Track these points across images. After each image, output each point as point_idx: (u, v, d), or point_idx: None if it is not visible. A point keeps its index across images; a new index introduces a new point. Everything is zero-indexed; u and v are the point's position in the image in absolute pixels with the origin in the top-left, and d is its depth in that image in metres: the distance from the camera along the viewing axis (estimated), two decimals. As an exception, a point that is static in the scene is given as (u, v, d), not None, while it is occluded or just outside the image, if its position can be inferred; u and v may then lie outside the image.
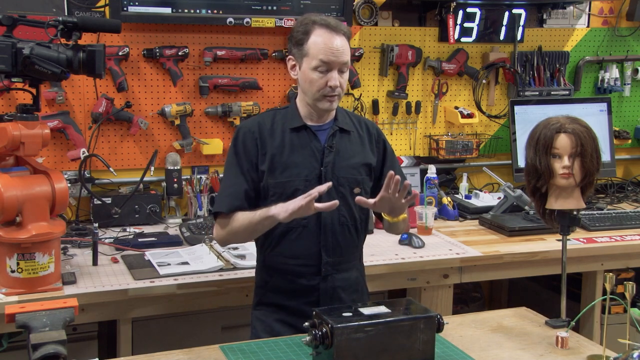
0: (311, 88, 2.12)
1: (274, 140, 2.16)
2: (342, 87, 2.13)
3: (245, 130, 2.19)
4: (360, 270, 2.30)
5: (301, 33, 2.12)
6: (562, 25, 3.97)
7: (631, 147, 4.21)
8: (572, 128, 2.06)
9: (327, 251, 2.15)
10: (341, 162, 2.17)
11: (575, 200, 2.10)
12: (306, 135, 2.17)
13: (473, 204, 3.49)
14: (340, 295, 2.18)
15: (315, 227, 2.14)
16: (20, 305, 1.67)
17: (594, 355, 1.94)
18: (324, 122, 2.20)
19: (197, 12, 3.14)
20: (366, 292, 2.33)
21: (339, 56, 2.09)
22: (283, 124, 2.18)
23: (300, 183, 2.12)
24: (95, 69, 2.25)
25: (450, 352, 1.95)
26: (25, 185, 2.23)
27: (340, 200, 2.11)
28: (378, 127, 2.33)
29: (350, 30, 2.20)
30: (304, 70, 2.13)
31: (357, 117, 2.30)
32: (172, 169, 3.22)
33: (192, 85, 3.30)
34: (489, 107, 3.86)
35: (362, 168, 2.21)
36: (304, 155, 2.15)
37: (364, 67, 3.60)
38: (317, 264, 2.16)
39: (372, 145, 2.26)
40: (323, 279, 2.16)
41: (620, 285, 2.97)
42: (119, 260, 2.65)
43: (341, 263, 2.19)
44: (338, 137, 2.19)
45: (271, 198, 2.14)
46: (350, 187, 2.17)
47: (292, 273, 2.16)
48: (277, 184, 2.13)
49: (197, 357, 1.91)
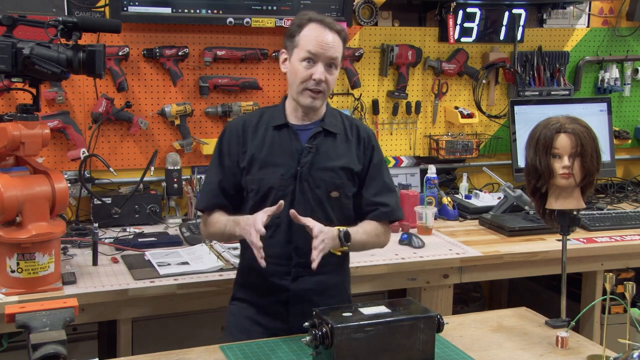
0: (295, 79, 2.09)
1: (256, 138, 2.14)
2: (328, 84, 2.08)
3: (230, 129, 2.19)
4: (342, 275, 2.24)
5: (295, 26, 2.11)
6: (562, 25, 3.97)
7: (631, 147, 4.21)
8: (572, 128, 2.06)
9: (297, 252, 2.10)
10: (320, 163, 2.12)
11: (575, 200, 2.10)
12: (287, 134, 2.14)
13: (473, 204, 3.49)
14: (312, 298, 2.12)
15: (286, 228, 2.10)
16: (20, 305, 1.67)
17: (594, 355, 1.94)
18: (309, 122, 2.16)
19: (197, 12, 3.14)
20: (347, 298, 2.27)
21: (327, 50, 2.06)
22: (268, 121, 2.17)
23: (276, 181, 2.09)
24: (95, 69, 2.25)
25: (450, 352, 1.95)
26: (25, 185, 2.23)
27: (315, 202, 2.10)
28: (371, 133, 2.24)
29: (346, 32, 2.16)
30: (292, 62, 2.11)
31: (350, 120, 2.24)
32: (172, 169, 3.22)
33: (192, 85, 3.30)
34: (489, 107, 3.86)
35: (342, 172, 2.14)
36: (282, 154, 2.12)
37: (364, 67, 3.60)
38: (288, 265, 2.12)
39: (359, 151, 2.18)
40: (293, 280, 2.13)
41: (620, 285, 2.97)
42: (119, 260, 2.65)
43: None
44: (321, 138, 2.14)
45: (249, 195, 2.13)
46: (327, 189, 2.12)
47: (265, 271, 2.08)
48: (253, 180, 2.12)
49: (197, 357, 1.91)
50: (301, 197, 2.09)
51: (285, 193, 2.09)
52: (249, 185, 2.13)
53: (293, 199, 2.09)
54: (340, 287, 2.23)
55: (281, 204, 1.98)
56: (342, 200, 2.15)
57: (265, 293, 2.15)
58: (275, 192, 2.09)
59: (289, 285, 2.13)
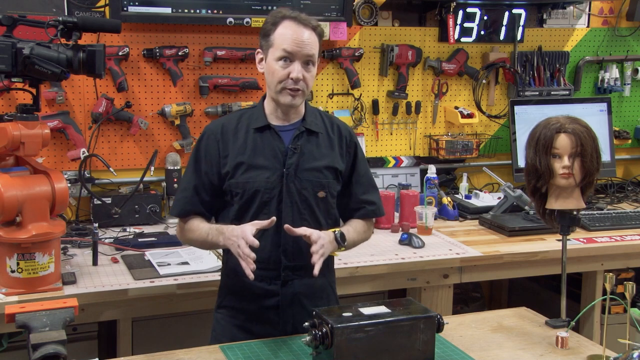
0: (273, 79, 2.05)
1: (237, 141, 2.09)
2: (306, 82, 2.05)
3: (208, 134, 2.14)
4: (327, 276, 2.21)
5: (269, 24, 2.07)
6: (562, 25, 3.97)
7: (631, 147, 4.21)
8: (572, 128, 2.06)
9: (286, 256, 2.08)
10: (305, 164, 2.08)
11: (575, 200, 2.10)
12: (269, 136, 2.10)
13: (473, 204, 3.49)
14: (302, 301, 2.10)
15: (274, 230, 2.03)
16: (20, 305, 1.67)
17: (594, 355, 1.94)
18: (290, 122, 2.12)
19: (197, 12, 3.14)
20: (334, 299, 2.25)
21: (304, 47, 2.02)
22: (248, 124, 2.12)
23: (262, 184, 2.05)
24: (95, 69, 2.25)
25: (450, 352, 1.95)
26: (25, 185, 2.23)
27: (302, 203, 2.08)
28: (351, 130, 2.23)
29: (322, 28, 2.11)
30: (268, 62, 2.06)
31: (329, 118, 2.22)
32: (172, 169, 3.22)
33: (192, 85, 3.30)
34: (489, 107, 3.86)
35: (327, 171, 2.12)
36: (266, 156, 2.08)
37: (364, 67, 3.60)
38: (277, 268, 2.08)
39: (342, 150, 2.16)
40: (283, 284, 2.09)
41: (620, 285, 2.97)
42: (119, 260, 2.65)
43: (303, 268, 2.07)
44: (304, 139, 2.11)
45: (234, 199, 2.08)
46: (313, 190, 2.10)
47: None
48: (237, 184, 2.07)
49: (197, 357, 1.91)
50: (288, 198, 2.06)
51: (271, 195, 2.06)
52: (233, 190, 2.08)
53: (280, 201, 2.06)
54: (327, 289, 2.21)
55: (273, 220, 1.94)
56: (328, 199, 2.13)
57: (255, 299, 2.10)
58: (262, 194, 2.05)
59: (278, 290, 2.09)
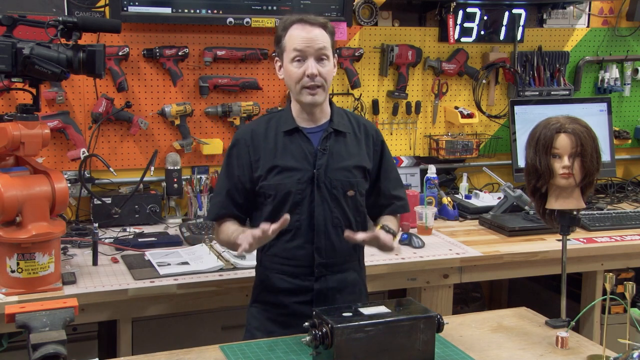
0: (291, 81, 2.11)
1: (268, 145, 2.16)
2: (323, 77, 2.08)
3: (239, 140, 2.20)
4: (358, 271, 2.29)
5: (280, 30, 2.13)
6: (562, 25, 3.97)
7: (631, 147, 4.21)
8: (572, 128, 2.06)
9: (319, 253, 2.15)
10: (334, 164, 2.15)
11: (575, 200, 2.10)
12: (299, 138, 2.16)
13: (473, 204, 3.49)
14: (335, 296, 2.18)
15: (307, 229, 2.14)
16: (20, 305, 1.67)
17: (594, 355, 1.94)
18: (317, 124, 2.18)
19: (197, 12, 3.14)
20: (365, 293, 2.32)
21: (313, 43, 2.07)
22: (277, 127, 2.18)
23: (293, 186, 2.12)
24: (95, 69, 2.25)
25: (450, 352, 1.95)
26: (25, 185, 2.23)
27: (332, 202, 2.14)
28: (377, 130, 2.31)
29: (332, 25, 2.15)
30: (285, 66, 2.12)
31: (356, 118, 2.28)
32: (172, 169, 3.22)
33: (192, 85, 3.30)
34: (489, 107, 3.86)
35: (356, 170, 2.19)
36: (297, 158, 2.14)
37: (364, 67, 3.60)
38: (310, 265, 2.15)
39: (369, 149, 2.24)
40: (317, 280, 2.16)
41: (620, 285, 2.97)
42: (119, 260, 2.65)
43: (335, 264, 2.18)
44: (333, 139, 2.17)
45: (267, 200, 2.16)
46: (343, 189, 2.16)
47: (287, 273, 2.17)
48: (269, 186, 2.14)
49: (197, 357, 1.91)
50: (319, 198, 2.13)
51: (303, 196, 2.13)
52: (266, 192, 2.15)
53: (312, 201, 2.12)
54: (359, 284, 2.28)
55: (287, 219, 1.97)
56: (357, 198, 2.19)
57: (290, 294, 2.18)
58: (294, 195, 2.12)
59: (312, 286, 2.16)
